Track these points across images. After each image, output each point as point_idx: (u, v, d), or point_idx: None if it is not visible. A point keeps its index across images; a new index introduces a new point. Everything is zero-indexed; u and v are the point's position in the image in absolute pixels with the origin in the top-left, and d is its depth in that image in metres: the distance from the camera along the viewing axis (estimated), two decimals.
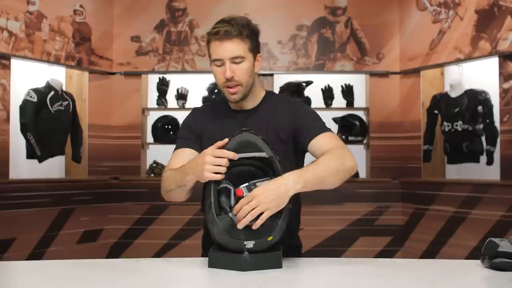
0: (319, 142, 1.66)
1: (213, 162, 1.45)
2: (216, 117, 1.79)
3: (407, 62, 4.76)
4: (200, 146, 1.75)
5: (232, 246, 1.42)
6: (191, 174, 1.53)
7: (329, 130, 1.71)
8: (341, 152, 1.60)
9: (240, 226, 1.40)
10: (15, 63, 4.18)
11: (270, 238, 1.43)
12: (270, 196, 1.40)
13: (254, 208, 1.39)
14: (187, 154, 1.72)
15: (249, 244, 1.41)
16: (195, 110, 1.87)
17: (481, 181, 4.16)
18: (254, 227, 1.40)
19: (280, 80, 4.92)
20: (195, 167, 1.50)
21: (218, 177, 1.45)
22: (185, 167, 1.57)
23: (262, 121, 1.73)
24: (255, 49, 1.72)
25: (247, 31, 1.67)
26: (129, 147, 4.86)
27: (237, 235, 1.41)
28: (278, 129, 1.71)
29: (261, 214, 1.40)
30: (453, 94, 4.38)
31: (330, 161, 1.55)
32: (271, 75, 4.87)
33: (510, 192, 3.85)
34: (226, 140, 1.51)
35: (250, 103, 1.77)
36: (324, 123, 1.73)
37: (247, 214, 1.39)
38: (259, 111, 1.76)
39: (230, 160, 1.47)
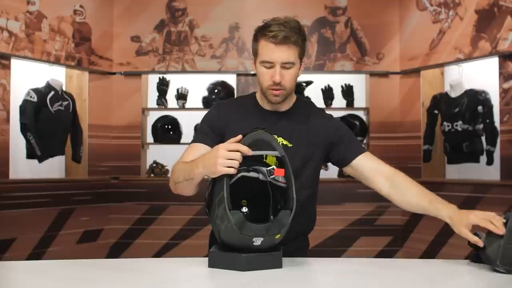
0: (367, 162, 1.76)
1: (227, 156, 1.43)
2: (242, 115, 1.76)
3: (407, 62, 4.76)
4: (219, 143, 1.73)
5: (241, 242, 1.41)
6: (200, 168, 1.51)
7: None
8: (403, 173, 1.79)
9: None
10: (15, 63, 4.18)
11: (277, 236, 1.43)
12: None
13: None
14: (202, 149, 1.70)
15: (258, 241, 1.40)
16: (219, 105, 1.84)
17: (481, 181, 4.16)
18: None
19: None
20: (207, 160, 1.48)
21: (231, 171, 1.43)
22: (196, 161, 1.55)
23: (294, 125, 1.74)
24: (303, 55, 1.72)
25: (301, 37, 1.67)
26: (129, 147, 4.86)
27: (247, 231, 1.40)
28: (311, 137, 1.74)
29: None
30: (453, 94, 4.38)
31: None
32: None
33: (510, 192, 3.84)
34: (240, 136, 1.50)
35: (285, 105, 1.77)
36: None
37: None
38: (293, 114, 1.77)
39: (243, 156, 1.45)
